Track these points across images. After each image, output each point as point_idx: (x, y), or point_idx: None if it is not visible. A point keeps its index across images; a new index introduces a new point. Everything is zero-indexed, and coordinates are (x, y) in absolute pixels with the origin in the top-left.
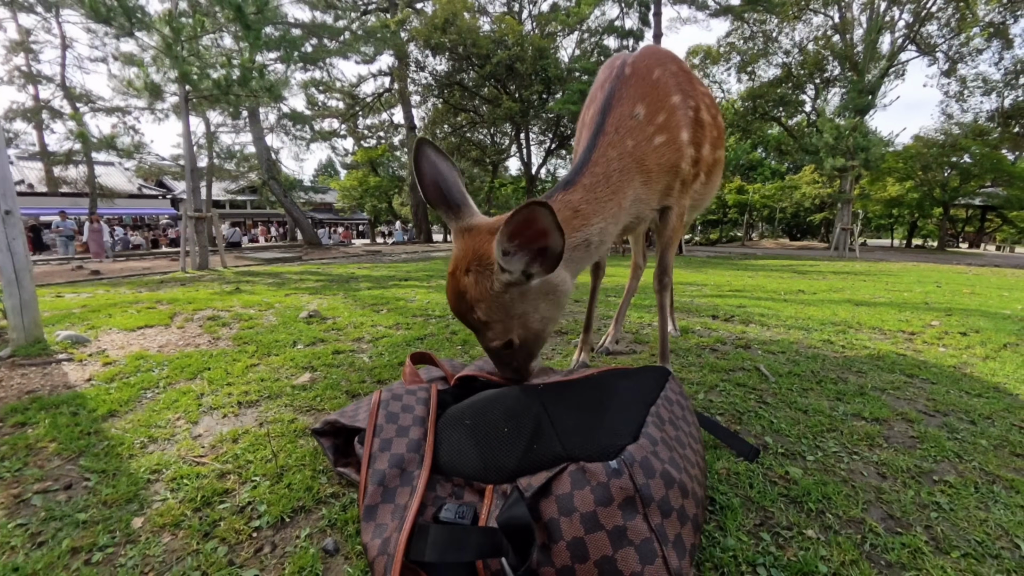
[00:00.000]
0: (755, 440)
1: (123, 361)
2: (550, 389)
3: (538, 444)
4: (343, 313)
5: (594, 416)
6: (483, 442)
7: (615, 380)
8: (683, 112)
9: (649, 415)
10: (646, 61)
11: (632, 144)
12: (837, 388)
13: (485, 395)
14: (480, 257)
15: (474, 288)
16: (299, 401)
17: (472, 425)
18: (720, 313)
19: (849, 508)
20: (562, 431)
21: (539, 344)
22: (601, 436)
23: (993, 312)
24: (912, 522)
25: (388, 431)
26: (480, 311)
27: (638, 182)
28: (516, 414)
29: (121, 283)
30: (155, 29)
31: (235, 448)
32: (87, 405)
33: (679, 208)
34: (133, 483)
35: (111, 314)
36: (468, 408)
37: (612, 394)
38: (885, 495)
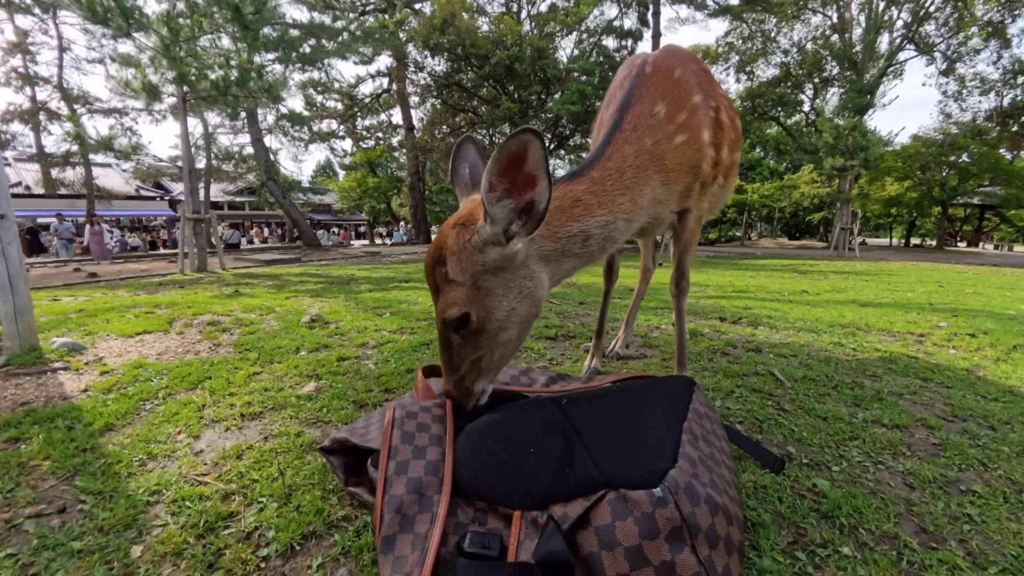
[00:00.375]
0: (778, 450)
1: (121, 370)
2: (574, 403)
3: (571, 468)
4: (345, 317)
5: (627, 434)
6: (507, 463)
7: (640, 392)
8: (704, 112)
9: (683, 432)
10: (667, 60)
11: (651, 142)
12: (854, 393)
13: (503, 410)
14: (471, 215)
15: (454, 239)
16: (305, 413)
17: (494, 445)
18: (727, 315)
19: (881, 522)
20: (595, 452)
21: (494, 350)
22: (639, 458)
23: (998, 313)
24: (946, 536)
25: (404, 452)
26: (450, 266)
27: (656, 181)
28: (541, 432)
29: (119, 286)
30: (153, 30)
31: (239, 465)
32: (83, 418)
33: (698, 211)
34: (131, 506)
35: (109, 319)
36: (488, 425)
37: (641, 408)
38: (915, 507)
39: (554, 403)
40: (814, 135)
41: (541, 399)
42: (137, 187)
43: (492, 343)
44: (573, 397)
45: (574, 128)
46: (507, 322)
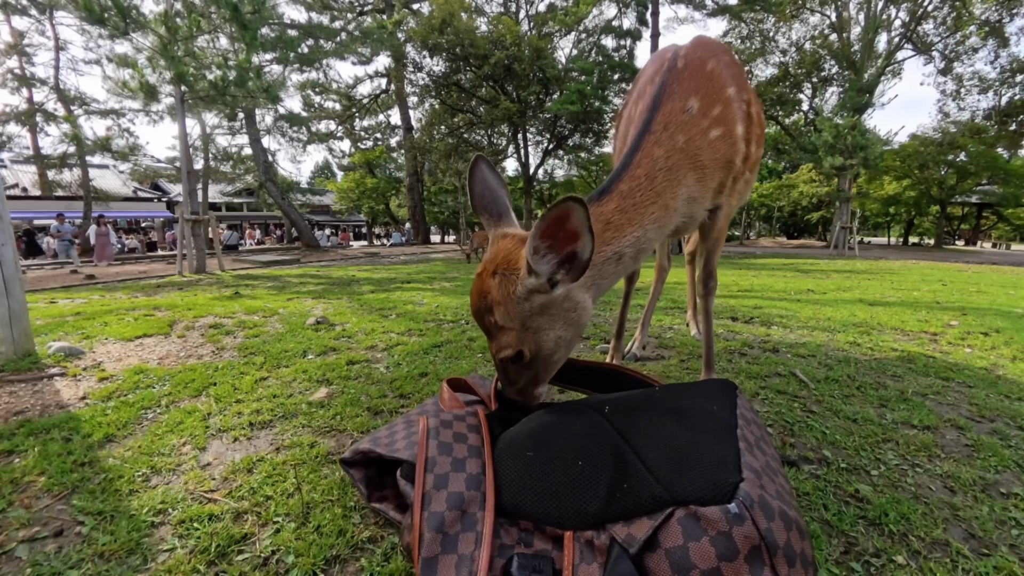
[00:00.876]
0: (813, 454)
1: (121, 376)
2: (617, 410)
3: (628, 482)
4: (351, 319)
5: (681, 443)
6: (553, 478)
7: (681, 397)
8: (738, 105)
9: (739, 440)
10: (699, 52)
11: (684, 139)
12: (879, 394)
13: (541, 419)
14: (509, 261)
15: (497, 290)
16: (317, 421)
17: (537, 458)
18: (739, 315)
19: (930, 529)
20: (652, 464)
21: (548, 368)
22: (702, 470)
23: (1006, 311)
24: (996, 541)
25: (442, 465)
26: (498, 314)
27: (691, 179)
28: (587, 442)
29: (117, 288)
30: (150, 29)
31: (251, 480)
32: (81, 429)
33: (728, 207)
34: (135, 528)
35: (107, 322)
36: (526, 435)
37: (687, 414)
38: (960, 512)
39: (592, 409)
40: (813, 134)
41: (577, 405)
42: (135, 189)
43: (544, 366)
44: (616, 406)
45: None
46: (556, 349)
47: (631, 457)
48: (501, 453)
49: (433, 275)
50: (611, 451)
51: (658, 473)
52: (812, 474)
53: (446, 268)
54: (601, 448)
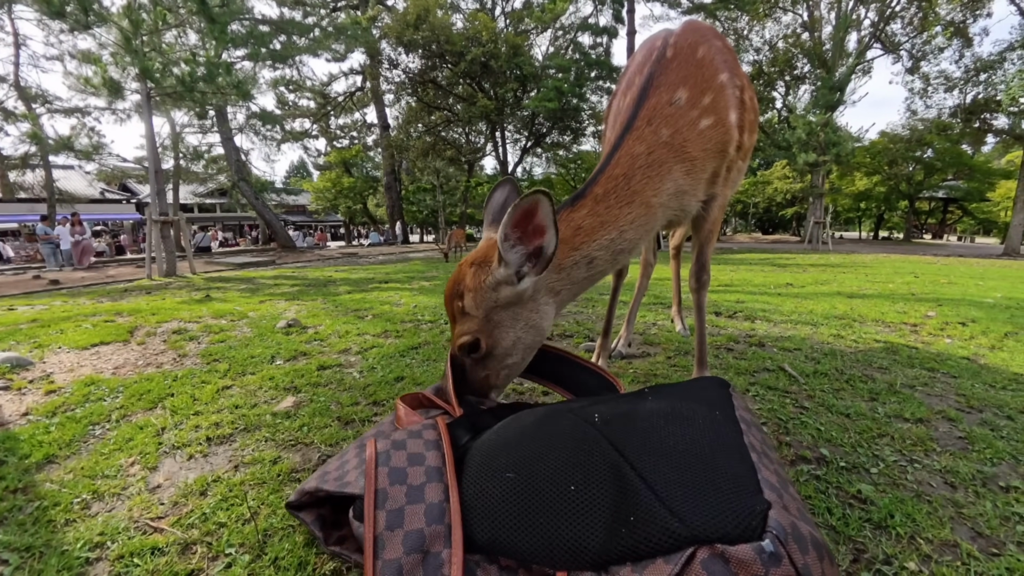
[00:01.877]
0: (810, 452)
1: (70, 388)
2: (611, 420)
3: (635, 513)
4: (325, 321)
5: (692, 460)
6: (541, 505)
7: (678, 401)
8: (731, 92)
9: (748, 449)
10: (690, 38)
11: (669, 133)
12: (868, 387)
13: (518, 426)
14: (487, 256)
15: (471, 278)
16: (282, 433)
17: (519, 480)
18: (722, 310)
19: (937, 529)
20: (661, 489)
21: (500, 371)
22: (723, 495)
23: (978, 301)
24: (1003, 539)
25: (396, 497)
26: (467, 301)
27: (679, 173)
28: (579, 460)
29: (81, 293)
30: (113, 22)
31: (203, 504)
32: (18, 449)
33: (723, 198)
34: (66, 566)
35: (63, 329)
36: (502, 448)
37: (689, 422)
38: (964, 509)
39: (577, 416)
40: (787, 131)
41: (557, 410)
42: (102, 190)
43: (498, 366)
44: (609, 415)
45: (551, 126)
46: (512, 349)
47: (633, 478)
48: (475, 472)
49: (412, 274)
50: (609, 471)
51: (670, 500)
52: (812, 475)
53: (425, 267)
54: (597, 467)
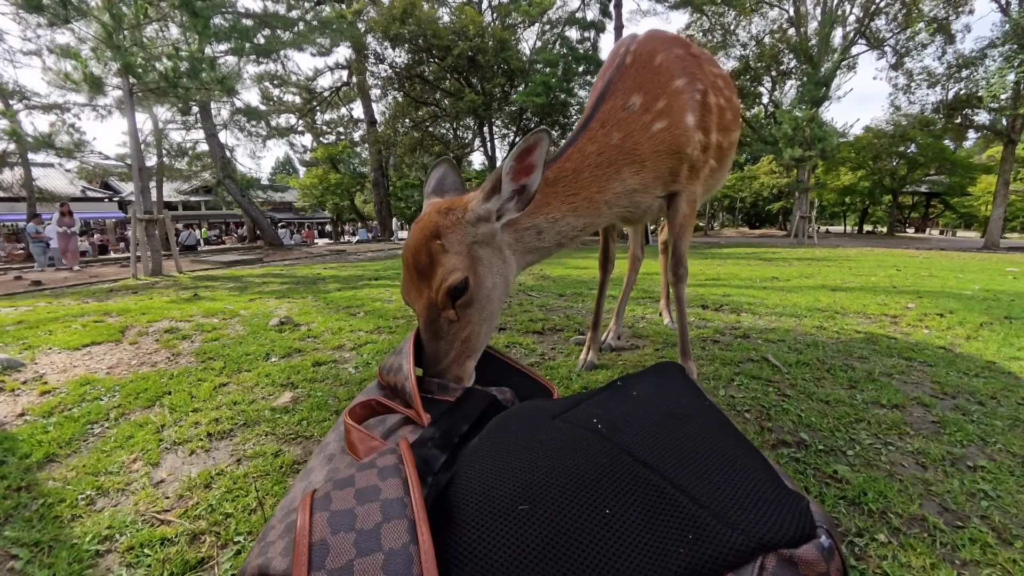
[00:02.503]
0: (791, 437)
1: (65, 389)
2: (615, 425)
3: (692, 530)
4: (317, 318)
5: (719, 461)
6: (575, 542)
7: (663, 395)
8: (689, 96)
9: (738, 435)
10: (649, 46)
11: (620, 136)
12: (848, 375)
13: (511, 440)
14: (452, 203)
15: (447, 218)
16: (282, 428)
17: (537, 512)
18: (708, 303)
19: (907, 505)
20: (706, 499)
21: (481, 323)
22: (766, 495)
23: (957, 293)
24: (968, 513)
25: (340, 551)
26: (447, 240)
27: (627, 173)
28: (602, 477)
29: (65, 293)
30: (93, 16)
31: (209, 497)
32: (18, 449)
33: (688, 194)
34: (76, 559)
35: (52, 330)
36: (499, 473)
37: (691, 419)
38: (933, 487)
39: (585, 425)
40: (773, 126)
41: (537, 415)
42: (83, 188)
43: (480, 316)
44: (591, 410)
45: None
46: (492, 294)
47: (671, 491)
48: (474, 509)
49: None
50: (640, 486)
51: (720, 510)
52: (792, 457)
53: None
54: (625, 484)
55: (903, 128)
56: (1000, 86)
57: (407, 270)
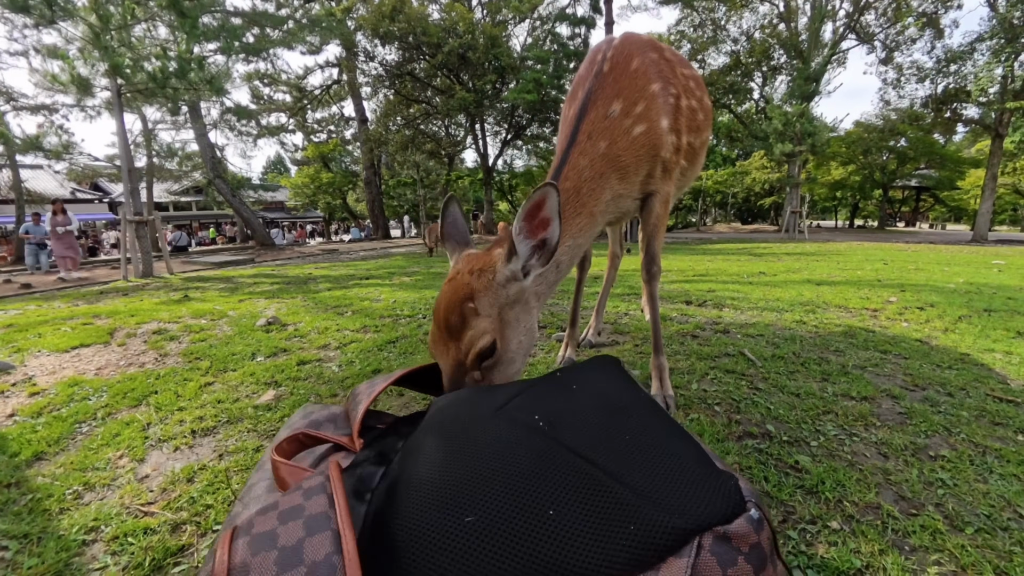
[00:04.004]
0: (757, 429)
1: (53, 390)
2: (555, 421)
3: (634, 522)
4: (304, 318)
5: (656, 451)
6: (521, 549)
7: (601, 387)
8: (663, 100)
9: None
10: (626, 51)
11: (606, 145)
12: (821, 369)
13: (449, 442)
14: (484, 263)
15: (477, 281)
16: (264, 424)
17: (481, 522)
18: (692, 299)
19: (864, 493)
20: (647, 489)
21: (503, 382)
22: (701, 478)
23: (940, 286)
24: (923, 501)
25: (262, 568)
26: (479, 303)
27: (614, 180)
28: (545, 475)
29: (55, 296)
30: (80, 17)
31: (190, 490)
32: (8, 448)
33: (663, 193)
34: (64, 548)
35: (41, 333)
36: (437, 480)
37: (628, 412)
38: (892, 476)
39: (508, 419)
40: (764, 122)
41: (476, 411)
42: (72, 190)
43: (503, 376)
44: (528, 403)
45: (531, 118)
46: (516, 356)
47: (613, 485)
48: (414, 522)
49: (393, 270)
50: (583, 482)
51: (659, 498)
52: (755, 448)
53: (406, 263)
54: (568, 481)
55: (893, 122)
56: (988, 80)
57: (437, 327)
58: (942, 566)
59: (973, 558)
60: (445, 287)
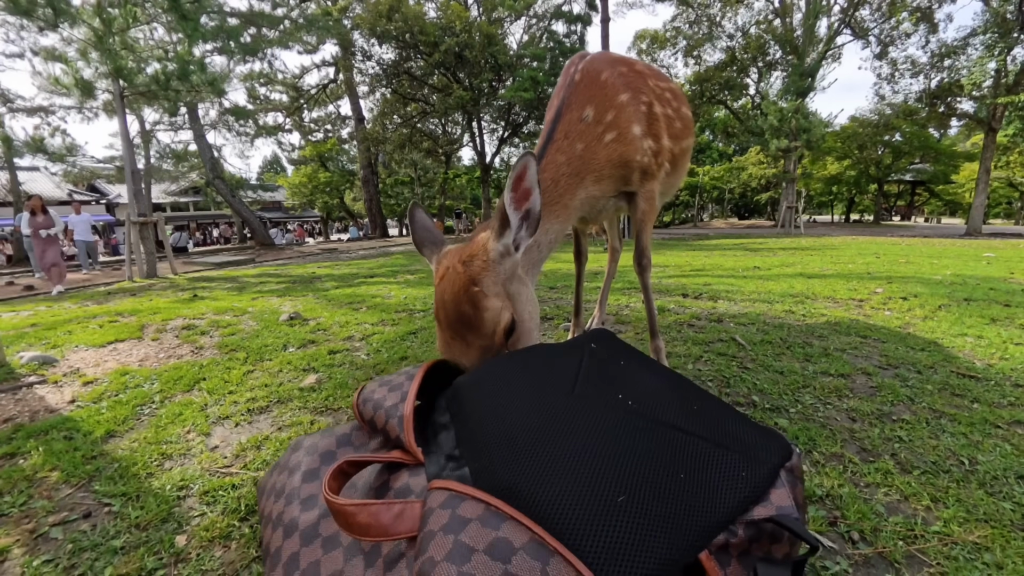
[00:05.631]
0: (744, 399)
1: (106, 379)
2: (640, 400)
3: (737, 469)
4: (323, 314)
5: (728, 414)
6: (668, 506)
7: (635, 358)
8: (634, 108)
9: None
10: (596, 65)
11: (582, 147)
12: (804, 351)
13: (551, 440)
14: (472, 250)
15: (475, 266)
16: (312, 403)
17: (631, 500)
18: (689, 292)
19: (830, 446)
20: (733, 445)
21: (529, 343)
22: (763, 431)
23: (927, 278)
24: (881, 452)
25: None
26: (485, 285)
27: (589, 181)
28: (659, 452)
29: (62, 297)
30: (83, 21)
31: (261, 455)
32: (80, 428)
33: (645, 192)
34: (163, 502)
35: (71, 331)
36: (570, 474)
37: (670, 380)
38: (857, 434)
39: (605, 405)
40: (760, 118)
41: (581, 402)
42: (69, 191)
43: (527, 344)
44: (625, 394)
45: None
46: (531, 323)
47: (712, 448)
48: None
49: (396, 268)
50: (696, 448)
51: (749, 450)
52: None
53: (408, 261)
54: (683, 450)
55: (888, 117)
56: (981, 74)
57: (447, 328)
58: (889, 496)
59: (915, 491)
60: (441, 285)
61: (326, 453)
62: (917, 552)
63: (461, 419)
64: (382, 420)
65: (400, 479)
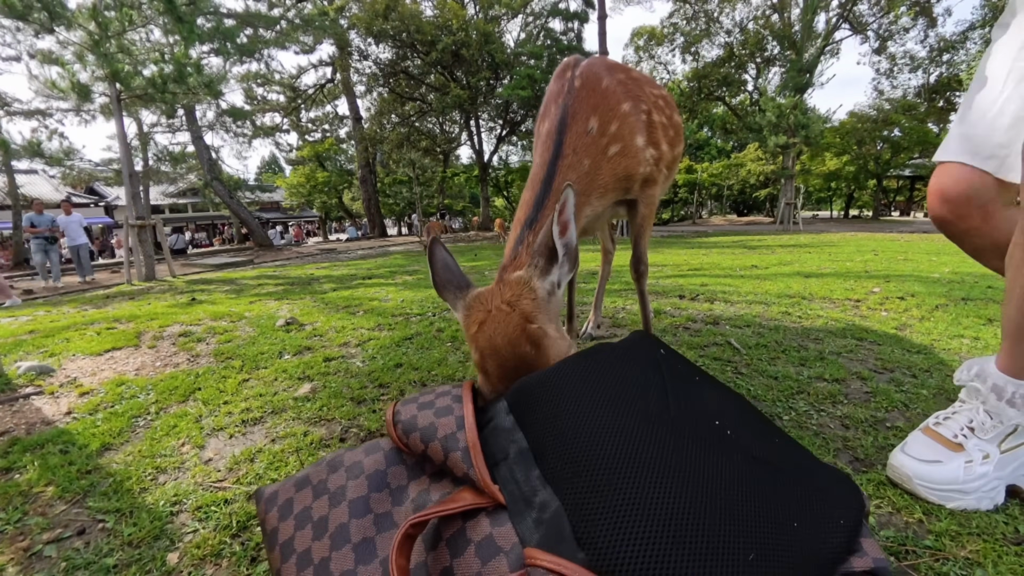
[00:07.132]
0: None
1: (101, 389)
2: (728, 428)
3: (832, 514)
4: (319, 318)
5: (792, 449)
6: (791, 563)
7: (705, 379)
8: (635, 117)
9: None
10: (594, 70)
11: (589, 163)
12: (800, 355)
13: (654, 483)
14: (514, 291)
15: (527, 304)
16: (306, 413)
17: (760, 555)
18: (686, 293)
19: (823, 455)
20: (819, 482)
21: None
22: (833, 472)
23: (925, 276)
24: (873, 462)
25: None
26: (538, 321)
27: (594, 197)
28: (766, 495)
29: (61, 302)
30: (79, 24)
31: (255, 468)
32: (76, 441)
33: (646, 198)
34: (156, 518)
35: (68, 338)
36: (690, 525)
37: (742, 407)
38: (850, 442)
39: (718, 444)
40: (758, 114)
41: (689, 442)
42: (68, 194)
43: None
44: (723, 421)
45: (525, 113)
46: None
47: (801, 490)
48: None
49: (394, 269)
50: (797, 491)
51: (834, 496)
52: None
53: (406, 261)
54: (785, 493)
55: (886, 112)
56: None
57: (501, 378)
58: (880, 508)
59: (907, 503)
60: (486, 331)
61: (374, 475)
62: (908, 568)
63: (540, 447)
64: (439, 454)
65: (479, 528)
